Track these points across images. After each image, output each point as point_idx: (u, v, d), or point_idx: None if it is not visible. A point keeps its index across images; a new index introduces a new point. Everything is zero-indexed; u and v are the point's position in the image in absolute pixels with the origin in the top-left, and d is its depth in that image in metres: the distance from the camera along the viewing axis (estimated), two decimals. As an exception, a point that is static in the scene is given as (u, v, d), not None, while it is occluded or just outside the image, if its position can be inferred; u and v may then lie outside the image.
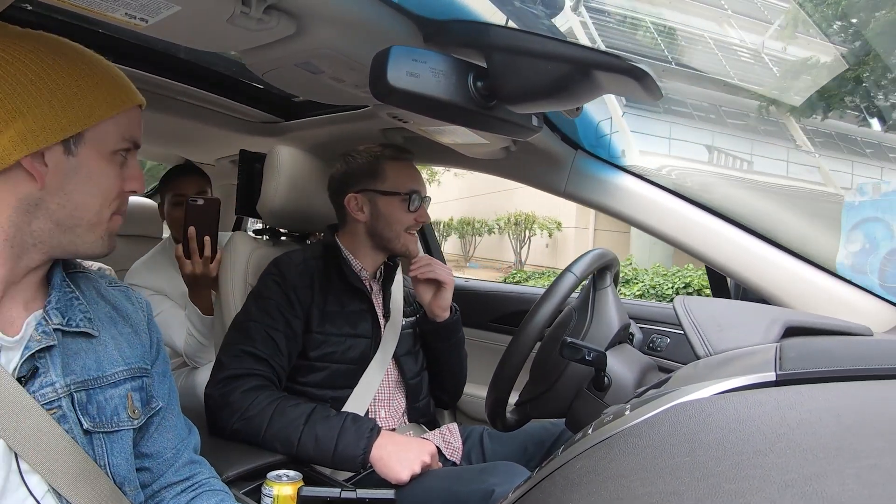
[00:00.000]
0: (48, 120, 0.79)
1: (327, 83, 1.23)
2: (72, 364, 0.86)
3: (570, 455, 0.62)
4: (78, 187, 0.83)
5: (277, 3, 0.94)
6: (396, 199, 1.55)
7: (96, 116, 0.83)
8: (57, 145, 0.81)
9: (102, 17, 0.91)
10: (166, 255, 2.16)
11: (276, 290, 1.48)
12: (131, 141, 0.89)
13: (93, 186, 0.84)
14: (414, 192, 1.55)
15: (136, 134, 0.89)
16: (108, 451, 0.88)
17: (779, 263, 1.27)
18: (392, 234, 1.56)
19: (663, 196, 1.40)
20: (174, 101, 1.93)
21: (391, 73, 0.80)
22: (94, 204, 0.85)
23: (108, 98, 0.84)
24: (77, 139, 0.82)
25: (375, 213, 1.56)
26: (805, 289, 1.24)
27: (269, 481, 1.11)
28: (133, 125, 0.89)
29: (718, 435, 0.52)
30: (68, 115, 0.81)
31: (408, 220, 1.56)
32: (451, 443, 1.59)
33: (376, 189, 1.55)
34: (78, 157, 0.83)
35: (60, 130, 0.80)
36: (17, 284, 0.85)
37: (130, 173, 0.90)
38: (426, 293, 1.61)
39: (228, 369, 1.38)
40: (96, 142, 0.84)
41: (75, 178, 0.83)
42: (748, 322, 0.86)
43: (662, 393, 0.65)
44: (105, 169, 0.85)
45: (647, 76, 0.73)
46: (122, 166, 0.88)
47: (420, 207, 1.57)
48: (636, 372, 1.23)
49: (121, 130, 0.86)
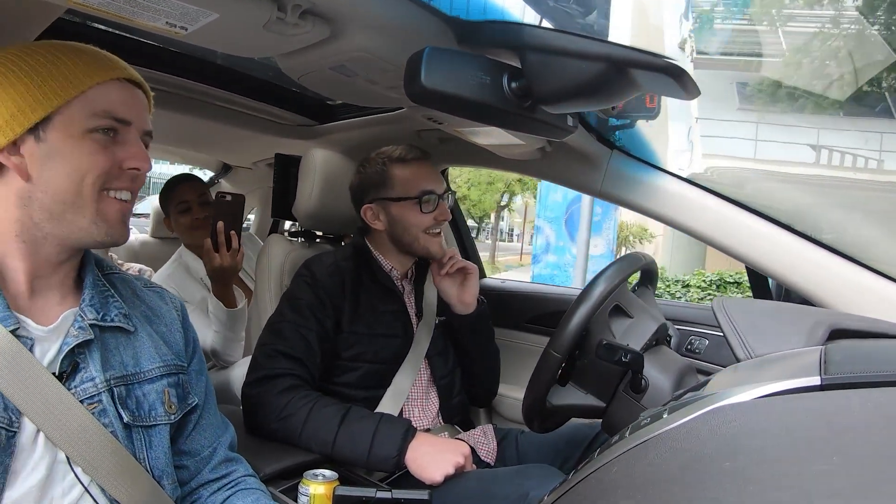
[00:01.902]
0: (11, 112, 0.81)
1: (362, 86, 1.24)
2: (110, 359, 0.89)
3: (607, 458, 0.61)
4: (53, 172, 0.82)
5: (312, 8, 0.95)
6: (408, 203, 1.53)
7: (60, 98, 0.82)
8: (27, 135, 0.82)
9: (144, 26, 0.93)
10: (182, 265, 2.25)
11: (308, 290, 1.50)
12: (109, 116, 0.85)
13: (66, 168, 0.83)
14: (426, 193, 1.52)
15: (115, 109, 0.86)
16: (147, 445, 0.90)
17: (823, 263, 1.24)
18: (410, 238, 1.55)
19: (701, 195, 1.38)
20: (212, 107, 1.97)
21: (425, 75, 0.80)
22: (71, 185, 0.83)
23: (71, 78, 0.83)
24: (44, 125, 0.82)
25: (391, 221, 1.56)
26: (851, 289, 1.20)
27: (306, 480, 1.12)
28: (108, 101, 0.85)
29: (761, 440, 0.51)
30: (29, 103, 0.81)
31: (425, 222, 1.54)
32: (486, 444, 1.58)
33: (387, 197, 1.55)
34: (48, 142, 0.82)
35: (24, 119, 0.81)
36: (47, 279, 0.87)
37: (128, 151, 0.87)
38: (451, 287, 1.60)
39: (264, 369, 1.40)
40: (65, 123, 0.83)
41: (50, 164, 0.82)
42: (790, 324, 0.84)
43: (701, 396, 0.64)
44: (77, 148, 0.83)
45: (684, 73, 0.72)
46: (110, 144, 0.86)
47: (438, 207, 1.54)
48: (674, 374, 1.21)
49: (91, 107, 0.84)
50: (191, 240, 2.23)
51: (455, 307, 1.61)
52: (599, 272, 1.22)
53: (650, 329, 1.24)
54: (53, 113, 0.82)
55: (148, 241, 3.05)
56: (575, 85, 0.81)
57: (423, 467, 1.30)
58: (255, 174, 2.82)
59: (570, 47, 0.81)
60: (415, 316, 1.61)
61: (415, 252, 1.57)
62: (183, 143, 2.65)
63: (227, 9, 0.89)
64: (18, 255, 0.85)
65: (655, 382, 1.19)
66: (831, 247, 1.24)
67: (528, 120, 0.94)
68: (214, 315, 1.99)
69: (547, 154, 1.58)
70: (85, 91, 0.83)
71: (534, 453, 1.58)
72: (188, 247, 2.26)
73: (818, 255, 1.24)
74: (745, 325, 0.84)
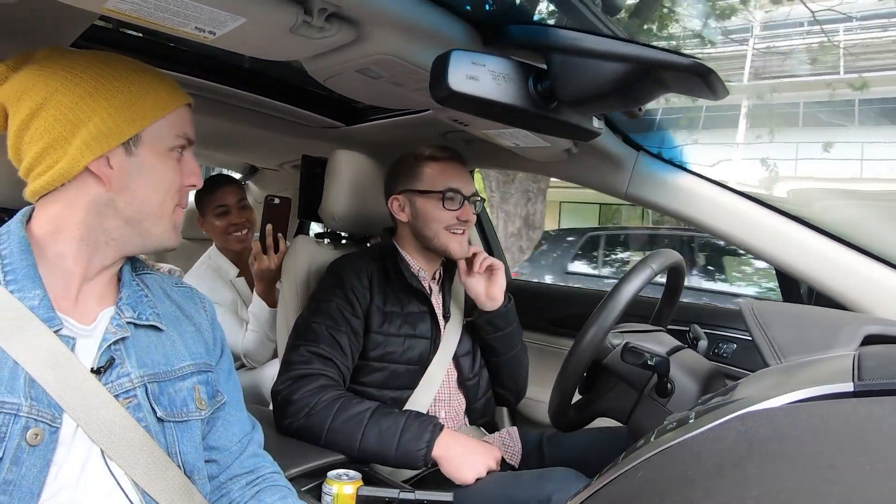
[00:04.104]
0: (108, 126, 0.86)
1: (388, 88, 1.24)
2: (144, 357, 0.91)
3: (631, 462, 0.61)
4: (141, 184, 0.89)
5: (338, 11, 0.96)
6: (433, 197, 1.54)
7: (150, 117, 0.89)
8: (118, 148, 0.88)
9: (174, 31, 0.95)
10: (212, 267, 2.25)
11: (336, 291, 1.51)
12: (185, 137, 0.94)
13: (154, 182, 0.91)
14: (451, 190, 1.53)
15: (188, 131, 0.95)
16: (179, 440, 0.92)
17: (857, 266, 1.21)
18: (430, 232, 1.55)
19: (730, 197, 1.36)
20: (240, 110, 1.99)
21: (451, 77, 0.80)
22: (157, 198, 0.91)
23: (158, 100, 0.90)
24: (136, 140, 0.89)
25: (415, 213, 1.57)
26: (886, 293, 1.17)
27: (330, 480, 1.13)
28: (184, 123, 0.94)
29: (791, 447, 0.50)
30: (125, 120, 0.87)
31: (447, 219, 1.54)
32: (510, 446, 1.58)
33: (414, 189, 1.57)
34: (138, 156, 0.89)
35: (120, 134, 0.87)
36: (90, 282, 0.91)
37: (188, 169, 0.95)
38: (478, 284, 1.60)
39: (295, 369, 1.41)
40: (153, 141, 0.90)
41: (138, 177, 0.89)
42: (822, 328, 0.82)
43: (729, 401, 0.63)
44: (163, 165, 0.91)
45: (712, 73, 0.71)
46: (179, 162, 0.94)
47: (462, 206, 1.55)
48: (700, 378, 1.20)
49: (173, 129, 0.92)
50: (224, 243, 2.24)
51: (483, 304, 1.60)
52: (626, 274, 1.21)
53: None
54: (143, 131, 0.89)
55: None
56: (601, 86, 0.80)
57: (457, 468, 1.31)
58: (281, 176, 2.85)
59: (596, 48, 0.80)
60: (442, 317, 1.61)
61: (434, 248, 1.58)
62: (211, 146, 2.68)
63: (254, 13, 0.91)
64: (74, 257, 0.88)
65: (682, 386, 1.17)
66: (866, 250, 1.21)
67: (554, 122, 0.93)
68: (254, 314, 2.01)
69: (573, 156, 1.57)
70: (168, 114, 0.91)
71: (558, 456, 1.57)
72: (220, 249, 2.27)
73: (852, 258, 1.21)
74: (775, 329, 0.82)
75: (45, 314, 0.83)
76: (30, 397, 0.79)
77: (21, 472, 0.77)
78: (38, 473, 0.78)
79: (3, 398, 0.77)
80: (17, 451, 0.77)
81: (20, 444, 0.77)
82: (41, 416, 0.79)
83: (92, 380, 0.84)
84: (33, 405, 0.79)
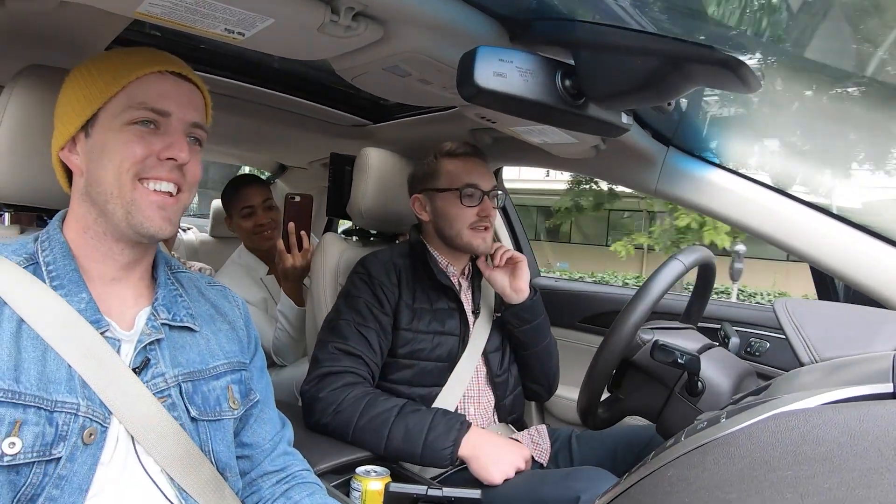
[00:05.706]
0: (68, 114, 0.89)
1: (415, 85, 1.25)
2: (178, 357, 0.93)
3: (661, 462, 0.60)
4: (97, 164, 0.87)
5: (365, 10, 0.96)
6: (450, 194, 1.54)
7: (105, 95, 0.87)
8: (80, 133, 0.89)
9: (204, 33, 0.97)
10: (242, 266, 2.27)
11: (364, 288, 1.52)
12: (145, 108, 0.87)
13: (105, 159, 0.86)
14: (468, 186, 1.53)
15: (151, 100, 0.87)
16: (212, 438, 0.94)
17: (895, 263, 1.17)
18: (453, 231, 1.55)
19: (763, 193, 1.33)
20: (270, 109, 2.01)
21: (478, 74, 0.80)
22: (108, 175, 0.86)
23: (115, 75, 0.87)
24: (92, 122, 0.88)
25: (436, 212, 1.58)
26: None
27: (358, 476, 1.13)
28: (148, 93, 0.87)
29: (826, 448, 0.49)
30: (81, 104, 0.88)
31: (468, 216, 1.54)
32: (539, 444, 1.57)
33: (434, 188, 1.57)
34: (93, 137, 0.88)
35: (77, 118, 0.88)
36: (120, 282, 0.92)
37: (165, 141, 0.87)
38: (502, 279, 1.59)
39: (324, 366, 1.43)
40: (107, 119, 0.87)
41: (95, 157, 0.87)
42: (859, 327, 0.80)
43: (762, 400, 0.62)
44: (114, 139, 0.86)
45: (744, 66, 0.70)
46: (149, 135, 0.87)
47: (482, 202, 1.54)
48: (732, 377, 1.18)
49: (131, 100, 0.86)
50: (252, 243, 2.26)
51: (509, 297, 1.59)
52: (656, 269, 1.20)
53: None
54: (100, 110, 0.88)
55: (207, 241, 3.13)
56: (629, 81, 0.79)
57: (485, 467, 1.31)
58: (310, 174, 2.87)
59: (625, 43, 0.79)
60: (472, 313, 1.61)
61: (457, 246, 1.58)
62: (241, 145, 2.72)
63: (282, 13, 0.92)
64: (89, 254, 0.89)
65: (713, 385, 1.16)
66: (905, 246, 1.18)
67: (582, 118, 0.92)
68: (283, 313, 2.03)
69: (601, 152, 1.56)
70: (125, 86, 0.87)
71: (587, 455, 1.56)
72: (248, 248, 2.30)
73: (889, 255, 1.18)
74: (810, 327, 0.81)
75: (91, 316, 0.85)
76: (85, 398, 0.81)
77: (74, 468, 0.80)
78: (88, 471, 0.81)
79: (64, 398, 0.80)
80: (73, 449, 0.79)
81: (76, 442, 0.80)
82: (95, 416, 0.82)
83: (134, 379, 0.86)
84: (89, 405, 0.81)
